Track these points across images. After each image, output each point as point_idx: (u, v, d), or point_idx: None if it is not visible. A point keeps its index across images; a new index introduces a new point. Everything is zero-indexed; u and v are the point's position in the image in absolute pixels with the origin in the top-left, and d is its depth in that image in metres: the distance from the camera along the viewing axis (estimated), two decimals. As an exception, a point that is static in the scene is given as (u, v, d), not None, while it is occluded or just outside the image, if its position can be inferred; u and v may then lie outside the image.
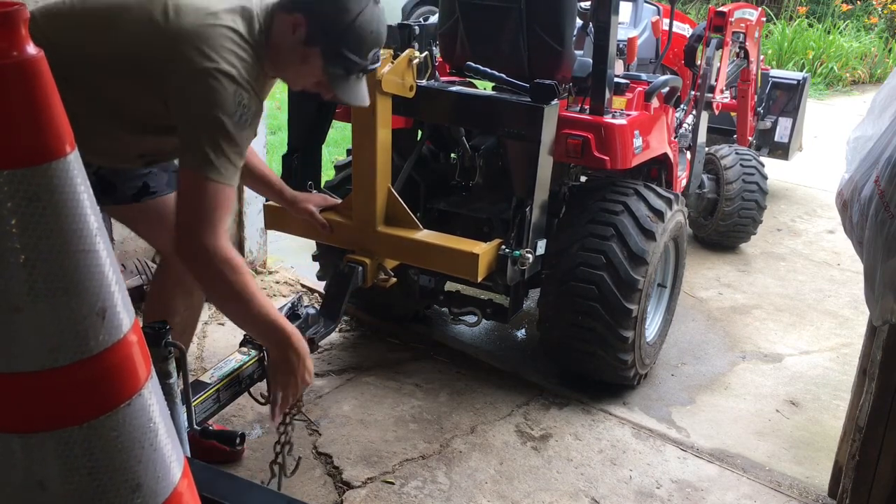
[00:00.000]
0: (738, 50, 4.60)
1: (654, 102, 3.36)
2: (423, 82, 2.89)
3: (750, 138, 5.12)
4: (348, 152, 3.28)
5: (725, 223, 4.62)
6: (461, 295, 3.54)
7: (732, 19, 4.27)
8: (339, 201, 2.83)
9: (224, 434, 2.64)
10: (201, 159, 1.89)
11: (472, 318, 3.28)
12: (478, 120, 3.00)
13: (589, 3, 3.45)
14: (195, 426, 2.15)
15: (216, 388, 2.28)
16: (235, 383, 2.37)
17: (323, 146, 3.22)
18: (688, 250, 3.63)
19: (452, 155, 3.46)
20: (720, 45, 4.19)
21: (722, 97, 4.31)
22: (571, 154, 2.91)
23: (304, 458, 2.71)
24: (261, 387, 2.47)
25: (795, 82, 5.50)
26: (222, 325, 3.48)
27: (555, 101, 2.72)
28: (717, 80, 4.17)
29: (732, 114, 5.09)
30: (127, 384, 1.05)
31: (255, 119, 1.99)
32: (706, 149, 4.42)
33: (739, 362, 3.58)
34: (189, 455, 1.52)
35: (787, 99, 5.50)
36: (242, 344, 2.47)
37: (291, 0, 2.06)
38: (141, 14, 1.97)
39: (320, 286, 3.67)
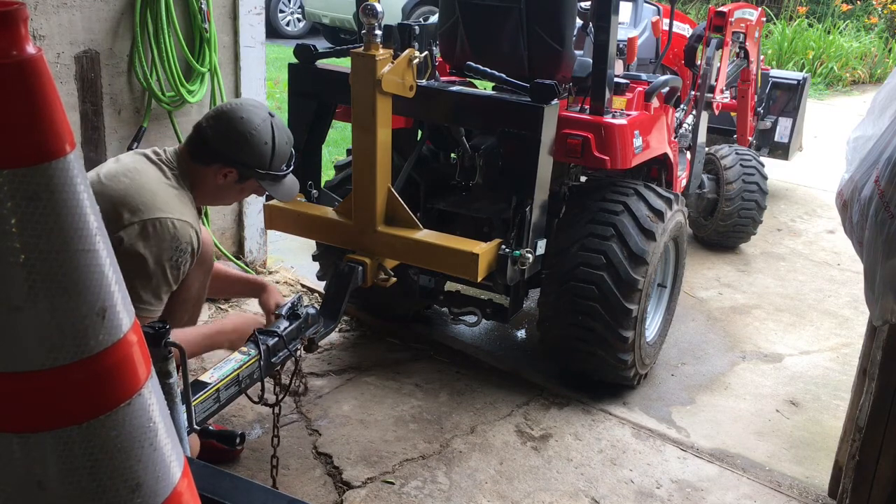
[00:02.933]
0: (738, 50, 4.60)
1: (654, 102, 3.36)
2: (423, 82, 2.88)
3: (750, 138, 5.12)
4: (348, 152, 3.28)
5: (725, 223, 4.62)
6: (461, 295, 3.54)
7: (732, 19, 4.27)
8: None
9: (224, 434, 2.64)
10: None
11: (472, 318, 3.28)
12: (478, 120, 3.00)
13: (589, 3, 3.45)
14: (195, 426, 2.14)
15: (216, 387, 2.28)
16: (235, 383, 2.37)
17: (323, 146, 3.22)
18: (688, 250, 3.63)
19: (452, 155, 3.46)
20: (720, 45, 4.18)
21: (722, 97, 4.31)
22: (571, 154, 2.91)
23: (304, 457, 2.71)
24: (256, 387, 2.47)
25: (795, 82, 5.50)
26: (222, 325, 3.47)
27: (555, 101, 2.72)
28: (717, 80, 4.16)
29: (732, 114, 5.09)
30: (127, 384, 1.05)
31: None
32: (706, 149, 4.42)
33: (739, 362, 3.58)
34: (189, 455, 1.52)
35: (787, 99, 5.50)
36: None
37: (208, 153, 2.31)
38: None
39: (320, 286, 3.67)
